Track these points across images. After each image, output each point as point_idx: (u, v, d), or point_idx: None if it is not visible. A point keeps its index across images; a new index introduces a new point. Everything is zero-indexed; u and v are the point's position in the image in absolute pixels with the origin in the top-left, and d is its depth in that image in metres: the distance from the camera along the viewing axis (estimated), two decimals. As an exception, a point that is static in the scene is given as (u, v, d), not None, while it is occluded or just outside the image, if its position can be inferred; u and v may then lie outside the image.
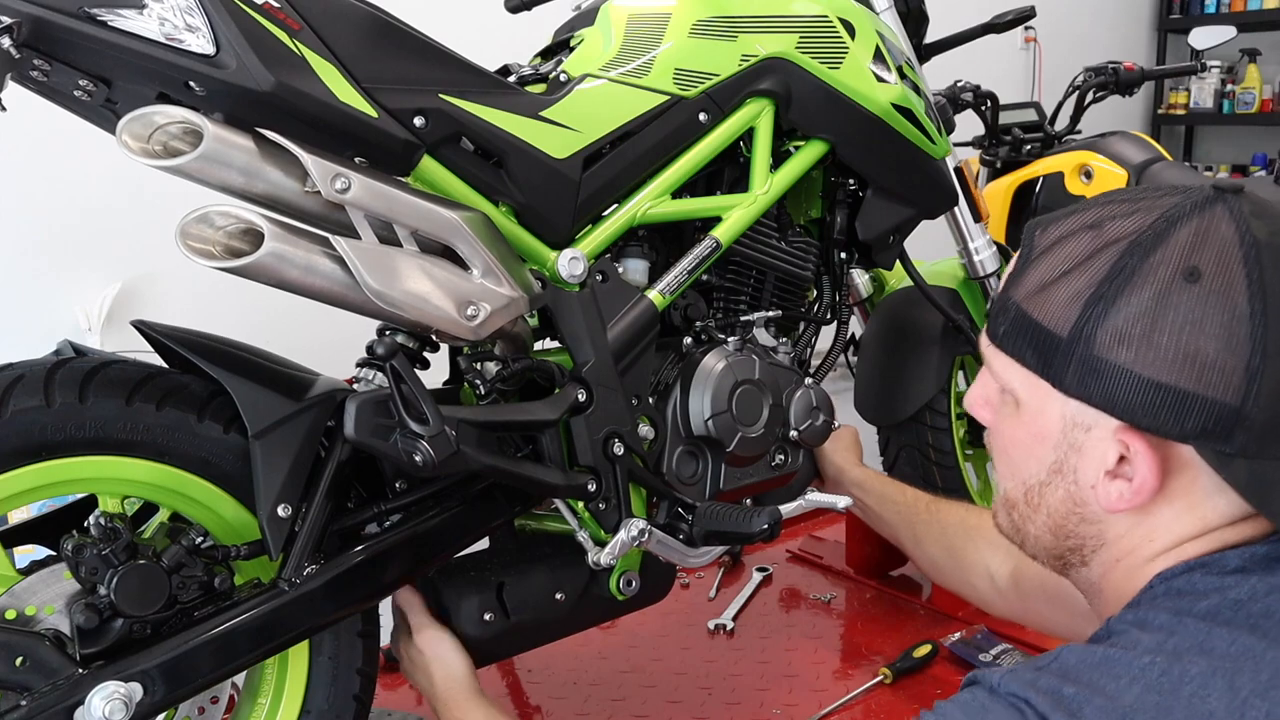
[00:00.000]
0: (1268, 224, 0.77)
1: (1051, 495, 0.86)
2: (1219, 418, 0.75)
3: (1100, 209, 0.82)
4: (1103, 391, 0.78)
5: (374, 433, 1.07)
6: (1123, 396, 0.77)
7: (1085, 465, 0.82)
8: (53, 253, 2.88)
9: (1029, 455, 0.86)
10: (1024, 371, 0.83)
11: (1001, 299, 0.86)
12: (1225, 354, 0.74)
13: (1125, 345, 0.76)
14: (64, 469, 1.00)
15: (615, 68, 1.34)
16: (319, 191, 1.01)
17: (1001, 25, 2.09)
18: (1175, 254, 0.76)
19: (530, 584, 1.30)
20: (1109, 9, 5.48)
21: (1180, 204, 0.78)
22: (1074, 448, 0.82)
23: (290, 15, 1.02)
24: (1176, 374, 0.75)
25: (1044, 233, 0.85)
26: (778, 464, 1.50)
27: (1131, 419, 0.78)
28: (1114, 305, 0.76)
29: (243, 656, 1.06)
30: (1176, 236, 0.77)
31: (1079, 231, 0.81)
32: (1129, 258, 0.77)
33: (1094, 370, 0.78)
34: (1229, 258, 0.75)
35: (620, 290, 1.32)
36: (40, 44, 0.96)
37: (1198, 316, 0.74)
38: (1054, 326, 0.79)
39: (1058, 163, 2.86)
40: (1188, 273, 0.75)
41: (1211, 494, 0.80)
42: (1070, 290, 0.79)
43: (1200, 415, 0.75)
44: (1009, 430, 0.88)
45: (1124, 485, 0.80)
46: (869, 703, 1.58)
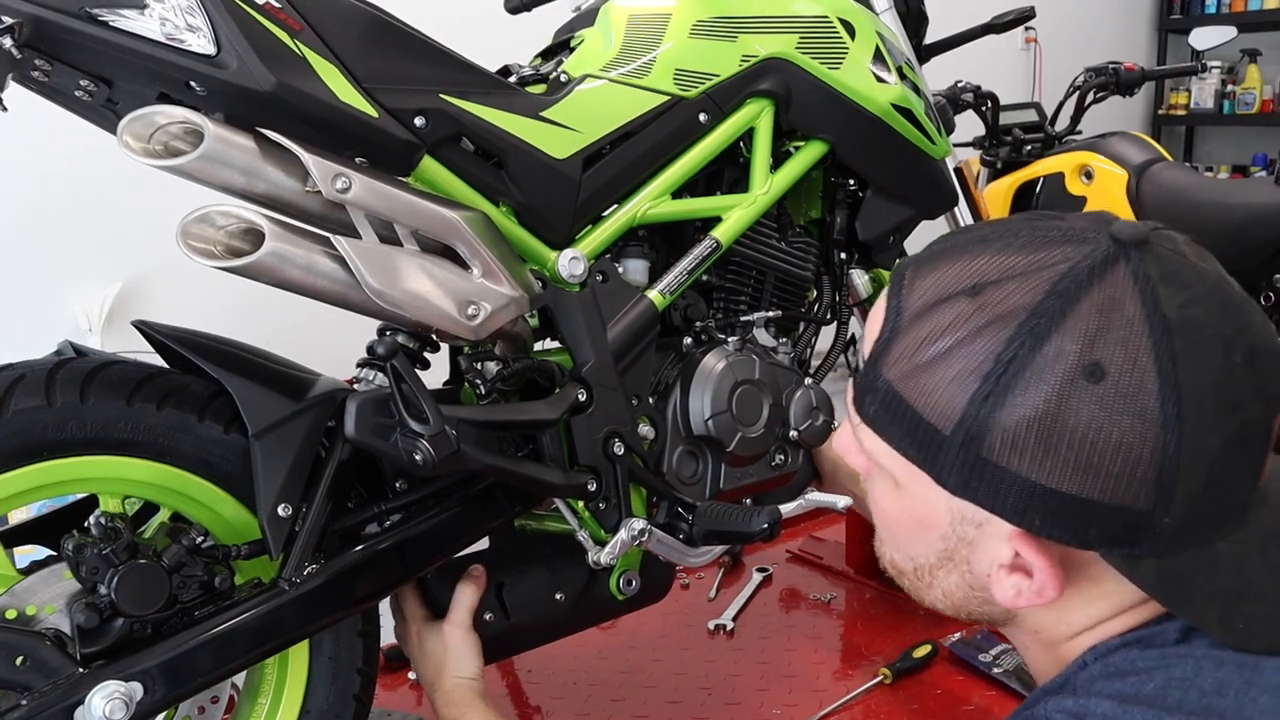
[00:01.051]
0: (1179, 290, 0.66)
1: (945, 578, 0.77)
2: (1125, 526, 0.66)
3: (979, 258, 0.70)
4: (993, 496, 0.68)
5: (374, 432, 1.07)
6: (1017, 503, 0.67)
7: (978, 558, 0.73)
8: (53, 253, 2.88)
9: (913, 537, 0.77)
10: (901, 458, 0.73)
11: (870, 372, 0.74)
12: (1134, 463, 0.65)
13: (1019, 452, 0.66)
14: (64, 469, 1.00)
15: (615, 68, 1.34)
16: (320, 191, 1.01)
17: (1001, 25, 2.10)
18: (1073, 344, 0.65)
19: (530, 584, 1.30)
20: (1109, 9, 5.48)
21: (1075, 269, 0.67)
22: (964, 540, 0.73)
23: (291, 15, 1.02)
24: (1078, 483, 0.66)
25: (914, 284, 0.73)
26: (778, 464, 1.50)
27: (1028, 526, 0.68)
28: (1003, 405, 0.66)
29: (243, 656, 1.06)
30: (1074, 319, 0.65)
31: (955, 296, 0.69)
32: (1019, 346, 0.66)
33: (983, 474, 0.68)
34: (1136, 347, 0.65)
35: (620, 290, 1.32)
36: (41, 44, 0.96)
37: (1102, 422, 0.64)
38: (935, 420, 0.69)
39: (1058, 163, 2.86)
40: (1089, 370, 0.65)
41: (1123, 579, 0.71)
42: (951, 378, 0.68)
43: (1104, 524, 0.66)
44: (888, 506, 0.78)
45: (1022, 581, 0.72)
46: (869, 703, 1.58)
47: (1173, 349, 0.64)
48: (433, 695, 1.21)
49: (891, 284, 0.76)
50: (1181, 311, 0.65)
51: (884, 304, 0.75)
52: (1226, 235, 2.50)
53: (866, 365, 0.75)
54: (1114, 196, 2.73)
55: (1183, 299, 0.66)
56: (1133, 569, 0.69)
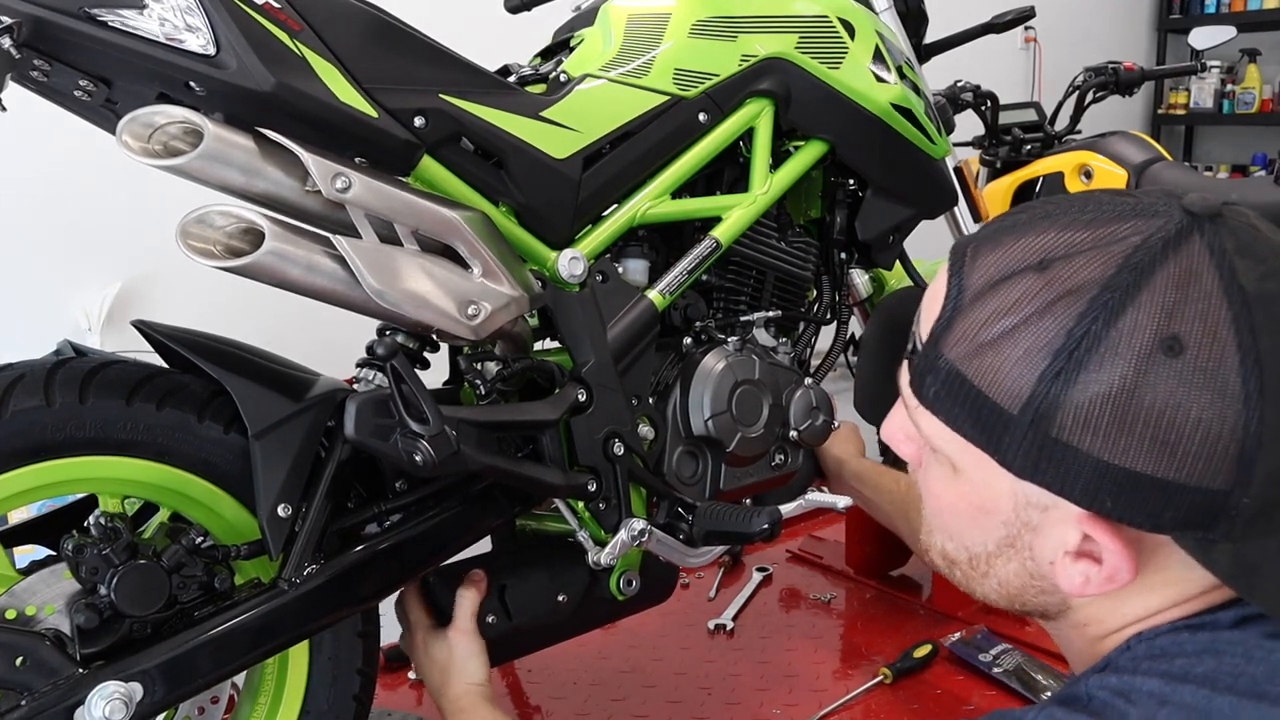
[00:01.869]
0: (1255, 264, 0.64)
1: (1003, 567, 0.75)
2: (1202, 508, 0.64)
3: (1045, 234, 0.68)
4: (1063, 477, 0.66)
5: (374, 433, 1.07)
6: (1088, 485, 0.65)
7: (1042, 544, 0.71)
8: (53, 253, 2.88)
9: (972, 524, 0.75)
10: (962, 441, 0.70)
11: (930, 352, 0.71)
12: (1214, 441, 0.63)
13: (1091, 431, 0.64)
14: (64, 469, 1.00)
15: (615, 68, 1.34)
16: (319, 191, 1.01)
17: (1001, 25, 2.10)
18: (1149, 318, 0.63)
19: (532, 586, 1.30)
20: (1109, 9, 5.48)
21: (1148, 241, 0.65)
22: (1028, 526, 0.71)
23: (290, 15, 1.02)
24: (1153, 463, 0.63)
25: (975, 262, 0.70)
26: (778, 464, 1.50)
27: (1099, 509, 0.66)
28: (1075, 382, 0.64)
29: (243, 656, 1.06)
30: (1150, 293, 0.63)
31: (1022, 272, 0.67)
32: (1092, 321, 0.64)
33: (1052, 455, 0.66)
34: (1216, 320, 0.63)
35: (620, 290, 1.32)
36: (41, 44, 0.95)
37: (1181, 398, 0.62)
38: (1001, 400, 0.67)
39: (1058, 163, 2.86)
40: (1168, 344, 0.62)
41: (1191, 566, 0.68)
42: (1019, 356, 0.66)
43: (1180, 506, 0.64)
44: (943, 492, 0.76)
45: (1090, 568, 0.70)
46: (869, 703, 1.58)
47: (1253, 322, 0.62)
48: (440, 702, 1.21)
49: (951, 263, 0.73)
50: (1260, 284, 0.64)
51: (943, 283, 0.73)
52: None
53: (926, 346, 0.72)
54: (1114, 196, 2.73)
55: (1260, 271, 0.64)
56: (1207, 554, 0.66)
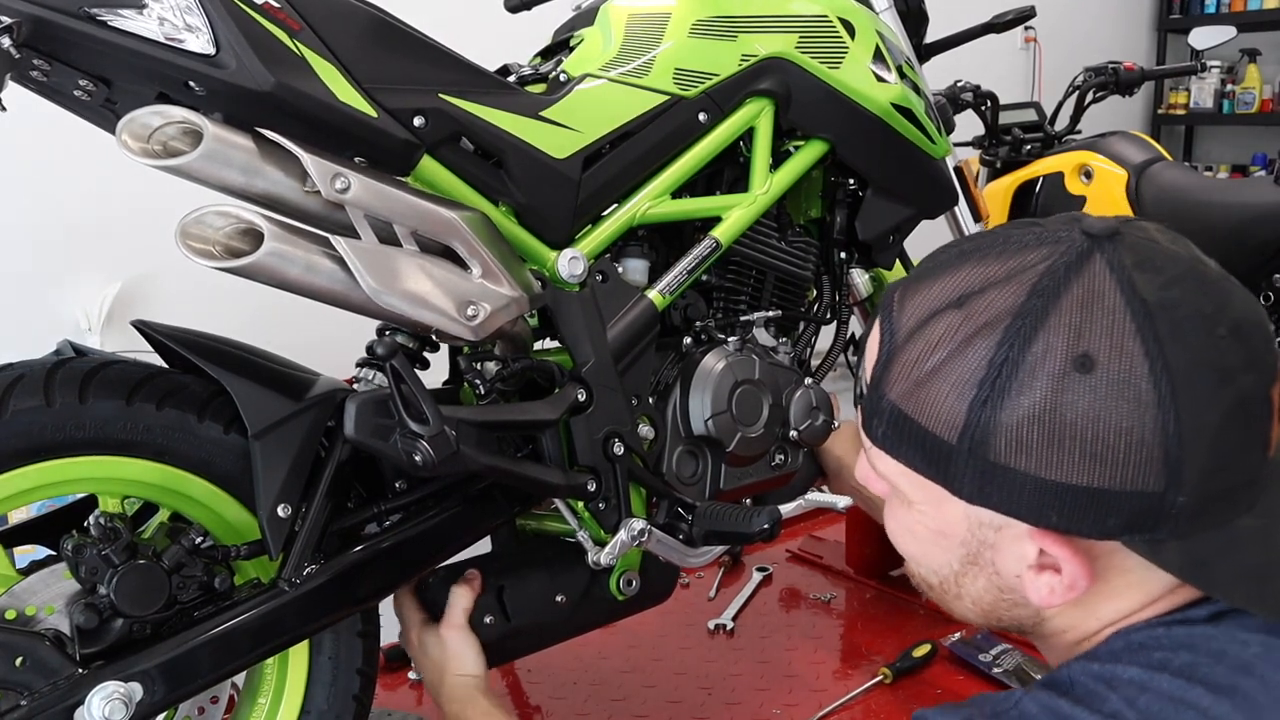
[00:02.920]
0: (1153, 276, 0.68)
1: (972, 584, 0.78)
2: (1142, 511, 0.67)
3: (961, 272, 0.72)
4: (1008, 498, 0.69)
5: (374, 433, 1.07)
6: (1031, 502, 0.68)
7: (1004, 561, 0.74)
8: (53, 253, 2.88)
9: (934, 548, 0.78)
10: (915, 474, 0.74)
11: (873, 394, 0.76)
12: (1138, 447, 0.66)
13: (1024, 452, 0.67)
14: (64, 469, 1.00)
15: (615, 68, 1.34)
16: (319, 191, 1.01)
17: (1001, 25, 2.10)
18: (1060, 340, 0.66)
19: (531, 587, 1.30)
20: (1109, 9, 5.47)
21: (1053, 266, 0.68)
22: (986, 544, 0.74)
23: (290, 15, 1.02)
24: (1087, 474, 0.66)
25: (902, 306, 0.75)
26: (778, 464, 1.50)
27: (1046, 524, 0.69)
28: (1002, 407, 0.67)
29: (243, 656, 1.06)
30: (1058, 314, 0.67)
31: (943, 310, 0.71)
32: (1009, 348, 0.67)
33: (994, 478, 0.69)
34: (1121, 333, 0.66)
35: (620, 290, 1.32)
36: (40, 44, 0.95)
37: (1100, 411, 0.65)
38: (940, 432, 0.70)
39: (1058, 163, 2.86)
40: (1079, 362, 0.66)
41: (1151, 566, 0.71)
42: (949, 388, 0.69)
43: (1121, 512, 0.67)
44: (904, 523, 0.80)
45: (1053, 578, 0.72)
46: (869, 703, 1.58)
47: (1156, 331, 0.66)
48: (437, 696, 1.22)
49: (881, 308, 0.77)
50: (1160, 294, 0.67)
51: (877, 329, 0.77)
52: (1226, 235, 2.50)
53: (869, 390, 0.76)
54: (1113, 196, 2.73)
55: (1160, 282, 0.67)
56: (1157, 554, 0.69)
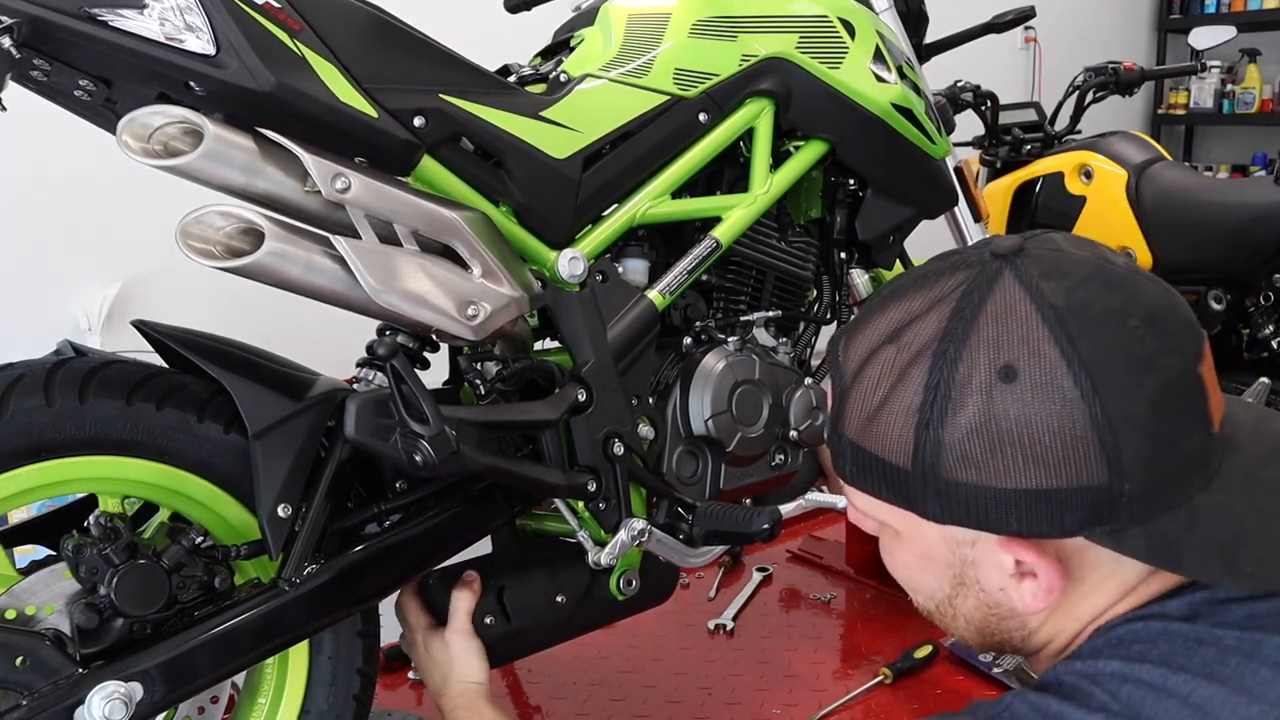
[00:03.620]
0: (1060, 281, 0.72)
1: (964, 604, 0.82)
2: (1094, 503, 0.70)
3: (892, 309, 0.78)
4: (969, 512, 0.73)
5: (374, 433, 1.07)
6: (990, 512, 0.72)
7: (986, 575, 0.78)
8: (53, 253, 2.88)
9: (925, 574, 0.83)
10: (887, 505, 0.78)
11: (834, 437, 0.81)
12: (1073, 443, 0.69)
13: (972, 466, 0.71)
14: (64, 469, 1.00)
15: (615, 68, 1.34)
16: (319, 191, 1.01)
17: (1001, 25, 2.10)
18: (983, 355, 0.71)
19: (531, 587, 1.30)
20: (1109, 9, 5.47)
21: (968, 287, 0.73)
22: (967, 562, 0.78)
23: (290, 15, 1.02)
24: (1033, 477, 0.70)
25: (846, 352, 0.80)
26: (778, 464, 1.50)
27: (1009, 531, 0.73)
28: (944, 428, 0.72)
29: (243, 656, 1.06)
30: (977, 332, 0.72)
31: (880, 347, 0.77)
32: (939, 371, 0.72)
33: (951, 495, 0.73)
34: (1036, 339, 0.70)
35: (620, 290, 1.32)
36: (40, 44, 0.95)
37: (1030, 415, 0.69)
38: (895, 460, 0.75)
39: (1058, 163, 2.85)
40: (1002, 373, 0.70)
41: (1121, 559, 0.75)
42: (894, 418, 0.74)
43: (1074, 508, 0.70)
44: (896, 555, 0.84)
45: (1034, 584, 0.76)
46: (869, 703, 1.58)
47: (1069, 331, 0.70)
48: (440, 701, 1.21)
49: (829, 355, 0.82)
50: (1068, 297, 0.71)
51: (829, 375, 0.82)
52: (1226, 235, 2.50)
53: (830, 432, 0.82)
54: (1113, 196, 2.73)
55: (1066, 286, 0.72)
56: (1121, 543, 0.72)
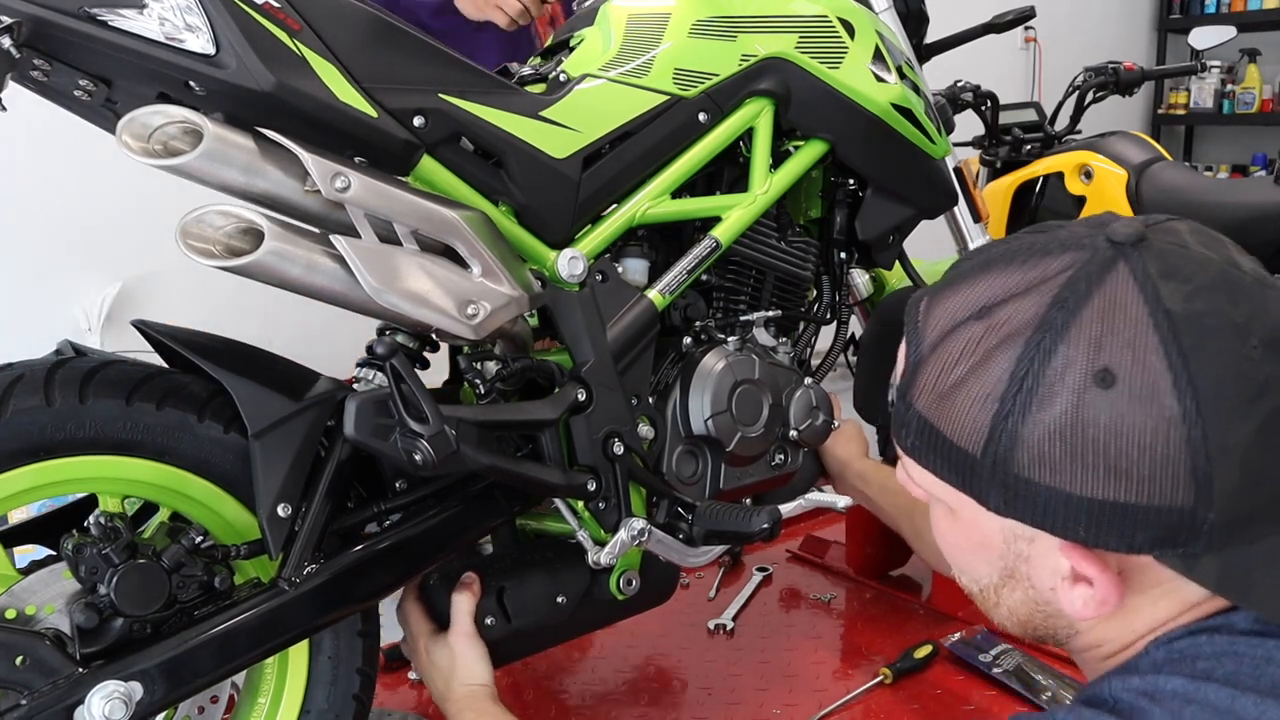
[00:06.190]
0: (1181, 284, 0.66)
1: (1009, 596, 0.77)
2: (1171, 526, 0.65)
3: (983, 282, 0.72)
4: (1034, 511, 0.68)
5: (374, 432, 1.07)
6: (1058, 516, 0.67)
7: (1038, 573, 0.74)
8: (53, 253, 2.88)
9: (975, 559, 0.78)
10: (947, 486, 0.74)
11: (901, 406, 0.76)
12: (1163, 463, 0.64)
13: (1048, 467, 0.67)
14: (64, 469, 1.00)
15: (615, 68, 1.34)
16: (319, 190, 1.01)
17: (1001, 25, 2.10)
18: (1081, 353, 0.65)
19: (531, 587, 1.30)
20: (1109, 9, 5.47)
21: (1074, 276, 0.68)
22: (1021, 557, 0.74)
23: (290, 15, 1.02)
24: (1112, 489, 0.65)
25: (927, 317, 0.75)
26: (778, 464, 1.50)
27: (1074, 537, 0.68)
28: (1024, 422, 0.67)
29: (243, 656, 1.06)
30: (1078, 328, 0.66)
31: (967, 321, 0.71)
32: (1029, 362, 0.67)
33: (1019, 491, 0.68)
34: (1143, 346, 0.65)
35: (620, 290, 1.32)
36: (40, 44, 0.96)
37: (1122, 427, 0.64)
38: (965, 444, 0.70)
39: (1058, 163, 2.86)
40: (1099, 376, 0.65)
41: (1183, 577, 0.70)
42: (971, 401, 0.69)
43: (1149, 526, 0.66)
44: (947, 532, 0.79)
45: (1087, 591, 0.71)
46: (869, 703, 1.58)
47: (1180, 344, 0.64)
48: (445, 707, 1.20)
49: (908, 318, 0.77)
50: (1186, 304, 0.65)
51: (905, 339, 0.77)
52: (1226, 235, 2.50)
53: (897, 399, 0.76)
54: (1113, 196, 2.73)
55: (1186, 291, 0.66)
56: (1191, 568, 0.68)
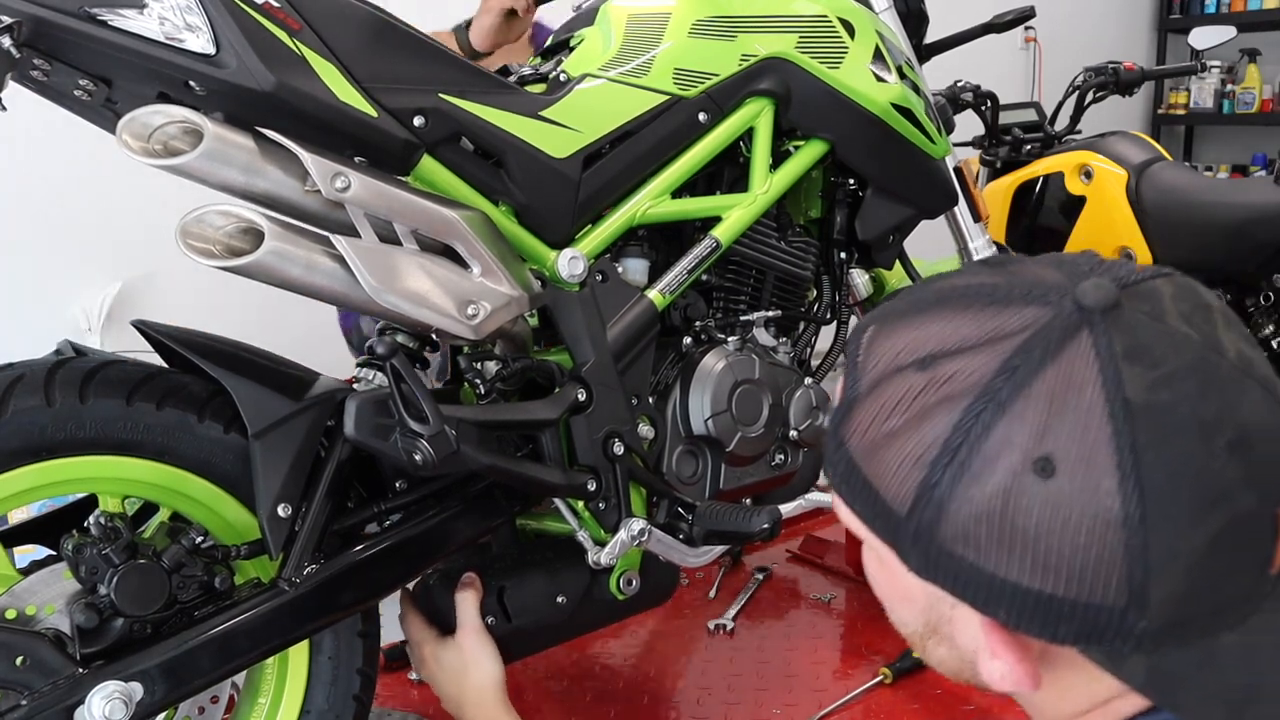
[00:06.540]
0: (1147, 369, 0.57)
1: (935, 649, 0.71)
2: (1099, 625, 0.58)
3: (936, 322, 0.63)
4: (955, 584, 0.62)
5: (374, 432, 1.07)
6: (979, 593, 0.61)
7: (961, 636, 0.67)
8: (53, 253, 2.88)
9: (900, 607, 0.72)
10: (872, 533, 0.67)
11: (833, 441, 0.68)
12: (1096, 564, 0.57)
13: (972, 545, 0.59)
14: (64, 469, 1.00)
15: (615, 67, 1.34)
16: (319, 190, 1.01)
17: (1001, 25, 2.10)
18: (1022, 434, 0.57)
19: (531, 587, 1.30)
20: (1109, 9, 5.47)
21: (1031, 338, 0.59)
22: (944, 619, 0.67)
23: (290, 15, 1.02)
24: (1039, 580, 0.58)
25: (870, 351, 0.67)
26: (778, 464, 1.50)
27: (994, 617, 0.62)
28: (951, 496, 0.59)
29: (243, 656, 1.06)
30: (1024, 403, 0.58)
31: (909, 368, 0.63)
32: (966, 431, 0.59)
33: (940, 561, 0.61)
34: (1091, 439, 0.56)
35: (620, 290, 1.32)
36: (41, 44, 0.96)
37: (1055, 522, 0.57)
38: (890, 501, 0.63)
39: (1058, 163, 2.85)
40: (1039, 464, 0.57)
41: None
42: (902, 458, 0.62)
43: (1074, 621, 0.59)
44: (874, 574, 0.72)
45: (1004, 668, 0.64)
46: (869, 703, 1.58)
47: (1135, 439, 0.56)
48: (461, 711, 1.19)
49: (850, 344, 0.70)
50: (1149, 394, 0.57)
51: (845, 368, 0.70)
52: (1226, 235, 2.50)
53: (830, 430, 0.69)
54: (1113, 196, 2.73)
55: (1152, 378, 0.57)
56: (1117, 666, 0.61)
